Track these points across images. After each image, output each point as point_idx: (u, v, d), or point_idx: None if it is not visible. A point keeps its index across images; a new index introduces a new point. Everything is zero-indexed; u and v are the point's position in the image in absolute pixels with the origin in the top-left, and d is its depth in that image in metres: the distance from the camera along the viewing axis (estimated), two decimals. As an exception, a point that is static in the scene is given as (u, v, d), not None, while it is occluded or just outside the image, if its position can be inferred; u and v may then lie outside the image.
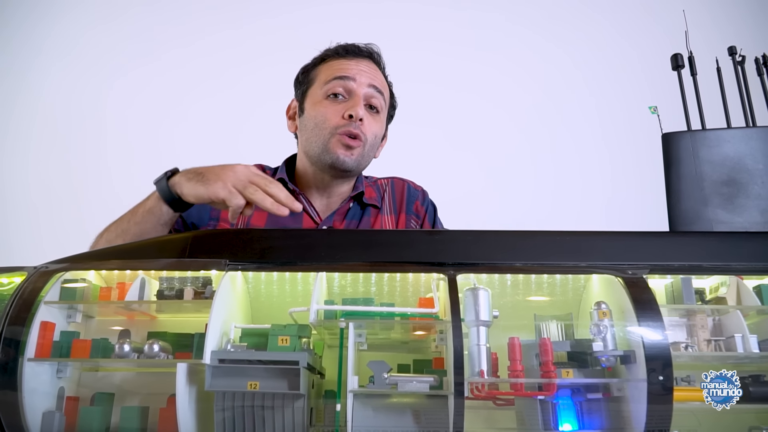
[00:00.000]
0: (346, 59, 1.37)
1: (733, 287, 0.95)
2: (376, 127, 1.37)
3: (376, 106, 1.37)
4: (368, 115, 1.35)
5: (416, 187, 1.52)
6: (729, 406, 0.80)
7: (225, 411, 0.83)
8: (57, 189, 2.49)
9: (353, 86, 1.33)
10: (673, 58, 1.05)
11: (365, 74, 1.35)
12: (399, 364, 0.93)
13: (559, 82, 2.53)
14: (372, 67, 1.39)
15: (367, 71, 1.36)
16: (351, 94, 1.33)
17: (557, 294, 0.97)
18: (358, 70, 1.35)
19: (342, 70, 1.35)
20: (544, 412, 0.85)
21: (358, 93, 1.33)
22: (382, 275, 0.95)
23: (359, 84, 1.34)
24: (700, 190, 0.97)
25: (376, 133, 1.37)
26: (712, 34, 1.47)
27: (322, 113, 1.33)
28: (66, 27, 2.65)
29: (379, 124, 1.39)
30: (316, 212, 1.39)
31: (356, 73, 1.34)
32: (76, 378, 0.93)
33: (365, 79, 1.35)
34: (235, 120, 2.44)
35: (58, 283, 0.91)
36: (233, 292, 0.94)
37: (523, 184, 2.46)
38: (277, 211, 1.04)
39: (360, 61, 1.38)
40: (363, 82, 1.34)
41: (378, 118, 1.38)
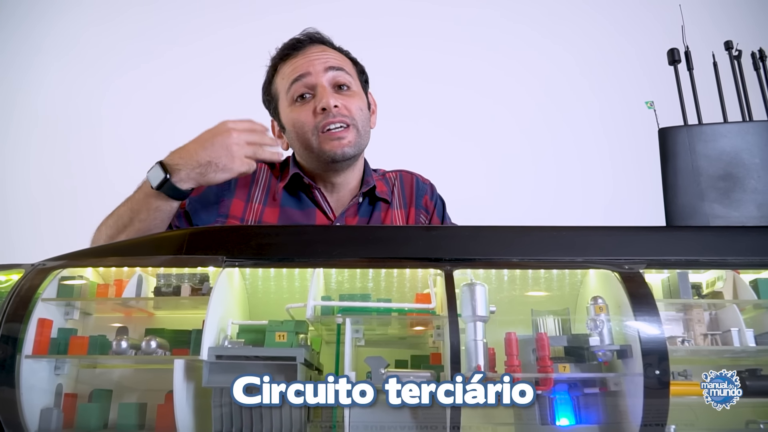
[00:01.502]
0: (292, 58, 1.34)
1: (729, 281, 0.96)
2: (356, 102, 1.32)
3: (344, 83, 1.32)
4: (341, 97, 1.30)
5: (424, 180, 1.50)
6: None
7: (222, 407, 0.83)
8: (57, 187, 2.49)
9: (312, 80, 1.29)
10: (670, 53, 1.05)
11: (317, 61, 1.31)
12: (396, 360, 0.93)
13: (555, 77, 2.52)
14: (319, 48, 1.34)
15: (317, 57, 1.32)
16: (315, 88, 1.29)
17: (554, 289, 0.97)
18: (309, 61, 1.31)
19: (294, 71, 1.31)
20: (541, 407, 0.85)
21: (320, 83, 1.29)
22: (379, 271, 0.95)
23: (316, 74, 1.29)
24: (696, 184, 0.97)
25: (360, 107, 1.33)
26: (709, 29, 1.47)
27: (297, 119, 1.30)
28: (65, 26, 2.65)
29: (357, 97, 1.34)
30: (330, 208, 1.36)
31: (308, 65, 1.30)
32: (73, 375, 0.93)
33: (319, 65, 1.30)
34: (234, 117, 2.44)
35: (55, 281, 0.91)
36: (230, 288, 0.94)
37: (520, 179, 2.46)
38: (279, 158, 1.18)
39: (306, 51, 1.33)
40: (319, 70, 1.30)
41: (352, 92, 1.33)
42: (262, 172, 1.39)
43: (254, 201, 1.34)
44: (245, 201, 1.33)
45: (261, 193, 1.35)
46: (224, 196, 1.33)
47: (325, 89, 1.28)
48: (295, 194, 1.36)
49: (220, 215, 1.32)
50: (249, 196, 1.35)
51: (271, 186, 1.37)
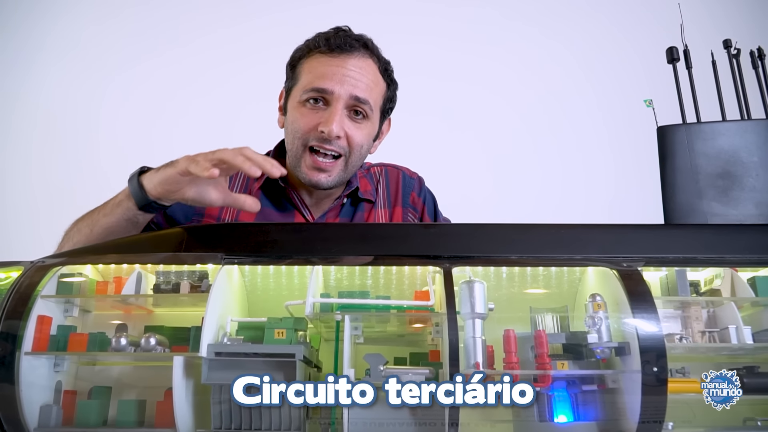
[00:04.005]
0: (330, 57, 1.23)
1: (727, 279, 0.96)
2: (362, 135, 1.25)
3: (362, 112, 1.24)
4: (351, 124, 1.23)
5: (411, 174, 1.45)
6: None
7: (222, 404, 0.83)
8: (56, 185, 2.49)
9: (332, 98, 1.21)
10: (668, 52, 1.05)
11: (348, 81, 1.21)
12: (395, 357, 0.94)
13: (555, 76, 2.53)
14: (361, 64, 1.24)
15: (352, 76, 1.22)
16: (329, 104, 1.22)
17: (553, 286, 0.98)
18: (341, 77, 1.21)
19: (321, 79, 1.21)
20: (539, 404, 0.85)
21: (336, 106, 1.21)
22: (377, 268, 0.96)
23: (338, 97, 1.21)
24: (695, 182, 0.97)
25: (363, 143, 1.26)
26: (708, 28, 1.47)
27: (297, 120, 1.24)
28: (66, 25, 2.65)
29: (367, 131, 1.27)
30: (308, 210, 1.33)
31: (336, 83, 1.21)
32: (73, 372, 0.93)
33: (347, 88, 1.21)
34: (231, 116, 2.44)
35: (54, 278, 0.91)
36: (229, 285, 0.95)
37: (519, 177, 2.46)
38: (248, 171, 0.95)
39: (347, 59, 1.23)
40: (343, 94, 1.21)
41: (365, 123, 1.26)
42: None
43: None
44: None
45: (239, 191, 1.31)
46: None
47: (338, 113, 1.21)
48: (272, 196, 1.32)
49: (196, 214, 1.28)
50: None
51: (248, 185, 1.33)
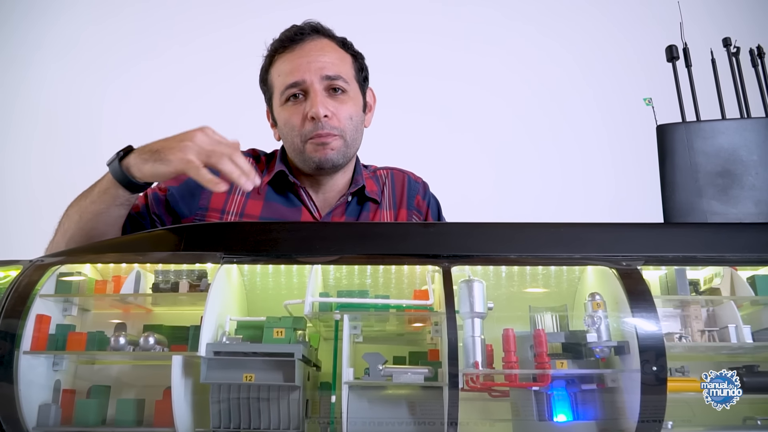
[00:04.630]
0: (290, 52, 1.30)
1: (727, 278, 0.96)
2: (348, 109, 1.30)
3: (339, 88, 1.30)
4: (334, 102, 1.29)
5: (416, 179, 1.48)
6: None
7: (221, 403, 0.83)
8: (56, 183, 2.48)
9: (306, 86, 1.27)
10: (668, 50, 1.05)
11: (314, 65, 1.28)
12: (394, 356, 0.93)
13: (554, 74, 2.52)
14: (320, 44, 1.31)
15: (316, 59, 1.28)
16: (307, 93, 1.28)
17: (552, 285, 0.97)
18: (306, 65, 1.28)
19: (291, 75, 1.28)
20: (538, 403, 0.86)
21: (313, 90, 1.27)
22: (377, 268, 0.95)
23: (311, 82, 1.27)
24: (694, 181, 0.97)
25: (351, 114, 1.31)
26: (707, 26, 1.47)
27: (287, 119, 1.30)
28: (65, 24, 2.65)
29: (350, 103, 1.31)
30: (315, 207, 1.35)
31: (305, 71, 1.27)
32: (72, 371, 0.93)
33: (315, 72, 1.27)
34: (232, 115, 2.43)
35: (53, 277, 0.91)
36: (228, 284, 0.94)
37: (518, 177, 2.46)
38: (244, 184, 0.99)
39: (304, 46, 1.30)
40: (314, 79, 1.27)
41: (346, 97, 1.31)
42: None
43: (236, 193, 1.31)
44: (227, 193, 1.30)
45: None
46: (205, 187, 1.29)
47: (317, 95, 1.27)
48: (280, 191, 1.35)
49: (200, 207, 1.29)
50: (231, 187, 1.30)
51: None
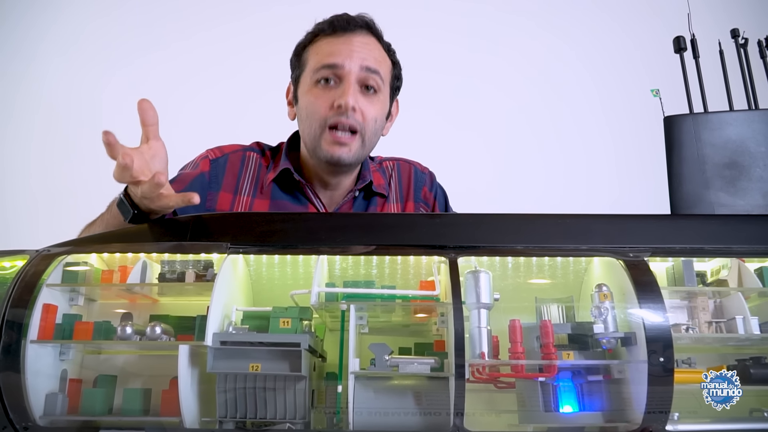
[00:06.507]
0: (335, 37, 1.26)
1: (734, 270, 0.95)
2: (375, 110, 1.26)
3: (372, 86, 1.26)
4: (364, 99, 1.25)
5: (423, 169, 1.46)
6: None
7: (227, 393, 0.84)
8: (57, 178, 2.49)
9: (343, 72, 1.23)
10: (676, 41, 1.04)
11: (357, 54, 1.24)
12: (400, 347, 0.93)
13: (561, 66, 2.52)
14: (366, 40, 1.27)
15: (359, 50, 1.25)
16: (341, 80, 1.24)
17: (558, 277, 0.97)
18: (349, 52, 1.24)
19: (330, 56, 1.24)
20: (544, 394, 0.85)
21: (348, 80, 1.23)
22: (383, 258, 0.95)
23: (349, 70, 1.23)
24: (701, 173, 0.97)
25: (376, 117, 1.27)
26: (715, 17, 1.46)
27: (312, 102, 1.25)
28: (68, 18, 2.64)
29: (379, 105, 1.28)
30: (322, 204, 1.34)
31: (346, 57, 1.23)
32: (78, 360, 0.93)
33: (356, 61, 1.23)
34: (235, 110, 2.44)
35: (60, 267, 0.91)
36: (235, 274, 0.94)
37: (525, 169, 2.46)
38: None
39: (351, 37, 1.26)
40: (353, 68, 1.23)
41: (376, 98, 1.27)
42: (251, 161, 1.35)
43: (242, 194, 1.31)
44: (233, 194, 1.30)
45: (249, 184, 1.32)
46: (211, 189, 1.30)
47: (351, 86, 1.23)
48: (286, 189, 1.33)
49: (207, 210, 1.27)
50: (237, 188, 1.32)
51: (260, 177, 1.33)
